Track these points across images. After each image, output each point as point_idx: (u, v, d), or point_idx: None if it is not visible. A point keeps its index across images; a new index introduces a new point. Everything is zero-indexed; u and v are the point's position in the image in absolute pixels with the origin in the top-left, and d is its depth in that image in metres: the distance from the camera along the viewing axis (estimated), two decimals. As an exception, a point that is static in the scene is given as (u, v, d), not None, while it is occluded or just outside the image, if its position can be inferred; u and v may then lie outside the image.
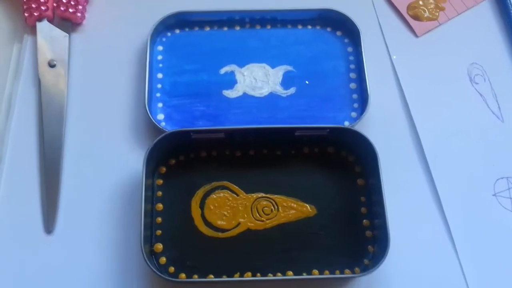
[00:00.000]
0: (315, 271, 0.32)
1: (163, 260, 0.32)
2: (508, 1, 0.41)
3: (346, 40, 0.39)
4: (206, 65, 0.38)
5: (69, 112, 0.36)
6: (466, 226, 0.33)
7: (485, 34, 0.40)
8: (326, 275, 0.32)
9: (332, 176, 0.35)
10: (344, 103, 0.37)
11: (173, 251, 0.32)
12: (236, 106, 0.36)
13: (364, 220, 0.33)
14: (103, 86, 0.37)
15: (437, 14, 0.40)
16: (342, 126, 0.34)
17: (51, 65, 0.36)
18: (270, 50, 0.38)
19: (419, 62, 0.39)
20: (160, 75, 0.37)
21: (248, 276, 0.31)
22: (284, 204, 0.34)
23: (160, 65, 0.38)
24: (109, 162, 0.35)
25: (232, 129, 0.34)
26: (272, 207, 0.34)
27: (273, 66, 0.38)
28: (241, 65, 0.38)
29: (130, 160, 0.34)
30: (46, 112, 0.35)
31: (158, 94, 0.37)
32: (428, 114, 0.37)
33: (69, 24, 0.38)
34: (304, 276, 0.32)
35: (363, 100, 0.36)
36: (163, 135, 0.33)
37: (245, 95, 0.37)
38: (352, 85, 0.37)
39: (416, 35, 0.40)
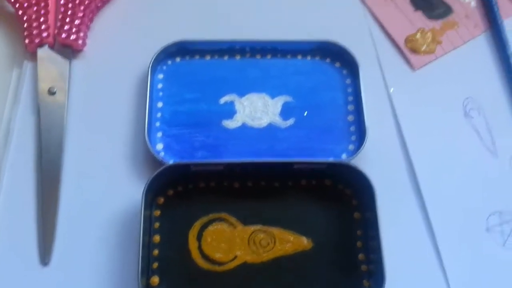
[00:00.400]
0: (312, 305, 0.32)
1: None
2: (505, 36, 0.41)
3: (344, 72, 0.39)
4: (206, 94, 0.38)
5: (68, 141, 0.36)
6: (459, 261, 0.34)
7: (480, 69, 0.41)
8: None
9: (329, 209, 0.35)
10: (342, 135, 0.37)
11: (169, 284, 0.32)
12: (236, 136, 0.37)
13: (360, 254, 0.34)
14: (103, 114, 0.37)
15: (434, 47, 0.41)
16: (339, 161, 0.35)
17: (51, 93, 0.36)
18: (270, 80, 0.39)
19: (415, 95, 0.39)
20: (160, 104, 0.37)
21: (245, 311, 0.32)
22: (281, 236, 0.34)
23: (161, 93, 0.38)
24: (107, 192, 0.35)
25: (231, 163, 0.34)
26: (269, 240, 0.34)
27: (272, 96, 0.38)
28: (241, 94, 0.38)
29: (128, 190, 0.34)
30: (45, 141, 0.35)
31: (157, 123, 0.37)
32: (424, 148, 0.37)
33: (70, 51, 0.38)
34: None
35: (360, 132, 0.37)
36: (162, 168, 0.33)
37: (244, 125, 0.37)
38: (350, 118, 0.38)
39: (413, 68, 0.40)
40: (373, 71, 0.40)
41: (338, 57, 0.39)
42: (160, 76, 0.38)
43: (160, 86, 0.38)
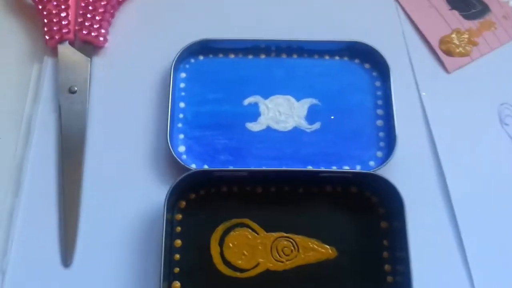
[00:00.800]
0: (334, 317, 0.33)
1: None
2: (545, 38, 0.41)
3: (374, 74, 0.39)
4: (229, 94, 0.38)
5: (89, 141, 0.36)
6: (489, 276, 0.34)
7: (518, 73, 0.41)
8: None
9: (355, 217, 0.35)
10: (370, 141, 0.37)
11: None
12: (259, 140, 0.37)
13: (386, 265, 0.34)
14: (124, 114, 0.37)
15: (469, 49, 0.40)
16: (367, 171, 0.35)
17: (72, 91, 0.36)
18: (296, 81, 0.39)
19: (449, 100, 0.39)
20: (182, 104, 0.38)
21: (266, 320, 0.32)
22: (305, 245, 0.34)
23: (183, 93, 0.38)
24: (128, 194, 0.35)
25: (255, 171, 0.34)
26: (292, 248, 0.34)
27: (298, 99, 0.38)
28: (265, 96, 0.38)
29: (150, 193, 0.35)
30: (65, 141, 0.35)
31: (179, 125, 0.37)
32: (456, 156, 0.37)
33: (91, 47, 0.38)
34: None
35: (390, 139, 0.37)
36: (184, 175, 0.33)
37: (268, 128, 0.37)
38: (379, 122, 0.38)
39: (447, 71, 0.40)
40: (404, 73, 0.39)
41: (368, 58, 0.39)
42: (183, 75, 0.39)
43: (182, 85, 0.38)
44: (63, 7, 0.38)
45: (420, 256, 0.32)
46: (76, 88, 0.37)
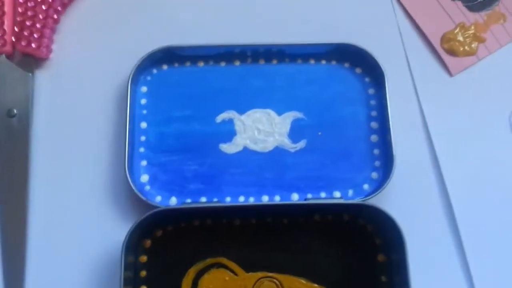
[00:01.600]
0: None
1: None
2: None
3: (367, 80, 0.36)
4: (199, 111, 0.35)
5: (33, 173, 0.33)
6: None
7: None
8: None
9: (348, 250, 0.33)
10: (363, 161, 0.35)
11: None
12: (235, 164, 0.34)
13: None
14: (75, 139, 0.35)
15: (475, 47, 0.37)
16: (361, 202, 0.32)
17: (11, 115, 0.34)
18: (276, 92, 0.36)
19: (453, 107, 0.37)
20: (144, 125, 0.35)
21: None
22: (291, 285, 0.32)
23: (144, 111, 0.35)
24: (82, 234, 0.33)
25: (230, 207, 0.32)
26: None
27: (279, 112, 0.36)
28: (241, 111, 0.36)
29: (108, 232, 0.32)
30: (5, 174, 0.33)
31: (141, 149, 0.34)
32: (463, 175, 0.35)
33: (32, 60, 0.35)
34: None
35: (386, 157, 0.34)
36: (146, 215, 0.31)
37: (246, 150, 0.35)
38: (374, 138, 0.35)
39: (450, 74, 0.37)
40: (401, 78, 0.37)
41: (359, 61, 0.37)
42: (144, 89, 0.36)
43: (143, 101, 0.35)
44: (-3, 14, 0.35)
45: None
46: (15, 111, 0.34)
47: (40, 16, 0.35)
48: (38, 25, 0.35)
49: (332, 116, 0.36)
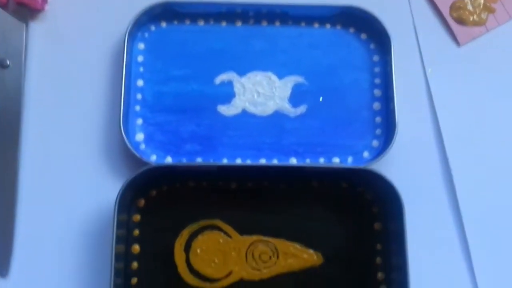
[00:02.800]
0: (318, 333, 0.31)
1: None
2: None
3: (372, 46, 0.36)
4: (198, 71, 0.35)
5: (25, 127, 0.33)
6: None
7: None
8: None
9: (344, 217, 0.33)
10: (365, 128, 0.34)
11: None
12: (233, 126, 0.34)
13: (379, 273, 0.32)
14: (69, 93, 0.34)
15: (484, 17, 0.36)
16: (359, 167, 0.32)
17: (4, 66, 0.33)
18: (278, 55, 0.36)
19: (459, 78, 0.36)
20: (140, 82, 0.34)
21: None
22: (285, 250, 0.32)
23: (141, 68, 0.35)
24: (75, 191, 0.32)
25: (226, 167, 0.32)
26: (271, 253, 0.32)
27: (280, 76, 0.35)
28: (241, 73, 0.35)
29: (102, 190, 0.32)
30: None
31: (137, 108, 0.34)
32: (465, 147, 0.34)
33: (26, 10, 0.34)
34: None
35: (388, 125, 0.34)
36: (140, 171, 0.30)
37: (244, 112, 0.34)
38: (376, 105, 0.35)
39: (458, 44, 0.36)
40: (408, 45, 0.36)
41: (365, 26, 0.36)
42: (141, 46, 0.35)
43: (140, 59, 0.35)
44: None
45: (418, 263, 0.30)
46: (8, 62, 0.33)
47: (36, -38, 0.34)
48: (33, -27, 0.34)
49: (334, 82, 0.35)
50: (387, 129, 0.34)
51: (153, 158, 0.33)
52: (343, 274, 0.32)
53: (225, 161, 0.33)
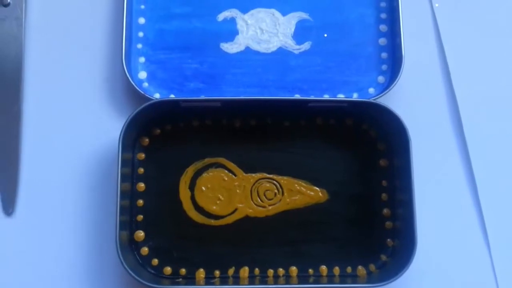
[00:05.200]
0: (323, 268, 0.31)
1: (145, 250, 0.31)
2: None
3: None
4: (200, 8, 0.34)
5: (27, 65, 0.33)
6: (503, 224, 0.32)
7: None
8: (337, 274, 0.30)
9: (349, 154, 0.33)
10: (370, 64, 0.34)
11: (157, 240, 0.31)
12: (237, 64, 0.33)
13: (385, 209, 0.32)
14: (70, 31, 0.33)
15: None
16: (365, 100, 0.31)
17: (4, 4, 0.32)
18: None
19: (466, 13, 0.35)
20: (142, 20, 0.34)
21: (245, 272, 0.30)
22: (290, 187, 0.32)
23: (142, 6, 0.34)
24: (78, 130, 0.32)
25: (230, 101, 0.31)
26: (276, 191, 0.32)
27: (284, 12, 0.34)
28: (244, 9, 0.34)
29: (105, 128, 0.32)
30: None
31: (139, 45, 0.33)
32: (474, 83, 0.34)
33: None
34: (310, 274, 0.30)
35: (394, 61, 0.33)
36: (144, 105, 0.30)
37: (248, 49, 0.34)
38: (382, 41, 0.34)
39: None
40: None
41: None
42: None
43: None
44: None
45: (424, 199, 0.31)
46: (9, 0, 0.32)
47: None
48: None
49: (339, 18, 0.34)
50: (393, 64, 0.33)
51: (157, 96, 0.32)
52: (348, 211, 0.32)
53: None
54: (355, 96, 0.33)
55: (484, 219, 0.32)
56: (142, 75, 0.33)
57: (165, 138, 0.32)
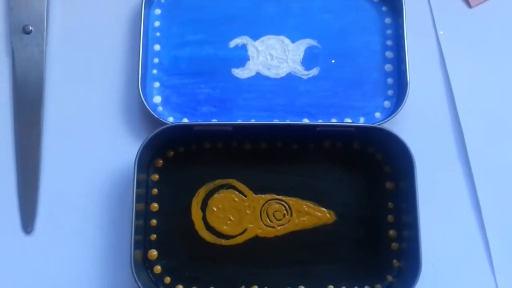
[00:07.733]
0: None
1: (158, 269, 0.31)
2: None
3: (384, 9, 0.36)
4: (213, 35, 0.35)
5: (48, 90, 0.34)
6: (509, 245, 0.32)
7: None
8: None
9: (356, 177, 0.33)
10: (376, 89, 0.34)
11: (169, 259, 0.32)
12: (248, 88, 0.35)
13: (391, 230, 0.32)
14: (89, 58, 0.35)
15: None
16: (371, 125, 0.32)
17: (27, 32, 0.34)
18: (291, 19, 0.36)
19: (471, 40, 0.36)
20: (157, 47, 0.35)
21: (254, 291, 0.32)
22: (299, 208, 0.33)
23: (158, 33, 0.35)
24: (95, 152, 0.33)
25: (241, 125, 0.32)
26: (285, 212, 0.33)
27: (293, 39, 0.35)
28: (255, 37, 0.35)
29: (121, 151, 0.33)
30: (20, 90, 0.33)
31: (154, 71, 0.35)
32: (478, 108, 0.35)
33: None
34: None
35: (400, 86, 0.34)
36: (160, 129, 0.31)
37: (258, 75, 0.35)
38: (388, 67, 0.35)
39: (469, 5, 0.36)
40: (419, 8, 0.36)
41: None
42: (157, 11, 0.36)
43: (157, 24, 0.35)
44: None
45: (429, 221, 0.31)
46: (31, 28, 0.34)
47: None
48: None
49: (346, 45, 0.35)
50: (399, 90, 0.34)
51: (171, 120, 0.33)
52: (355, 232, 0.32)
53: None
54: (362, 121, 0.34)
55: (488, 241, 0.32)
56: (157, 99, 0.34)
57: (178, 160, 0.33)
